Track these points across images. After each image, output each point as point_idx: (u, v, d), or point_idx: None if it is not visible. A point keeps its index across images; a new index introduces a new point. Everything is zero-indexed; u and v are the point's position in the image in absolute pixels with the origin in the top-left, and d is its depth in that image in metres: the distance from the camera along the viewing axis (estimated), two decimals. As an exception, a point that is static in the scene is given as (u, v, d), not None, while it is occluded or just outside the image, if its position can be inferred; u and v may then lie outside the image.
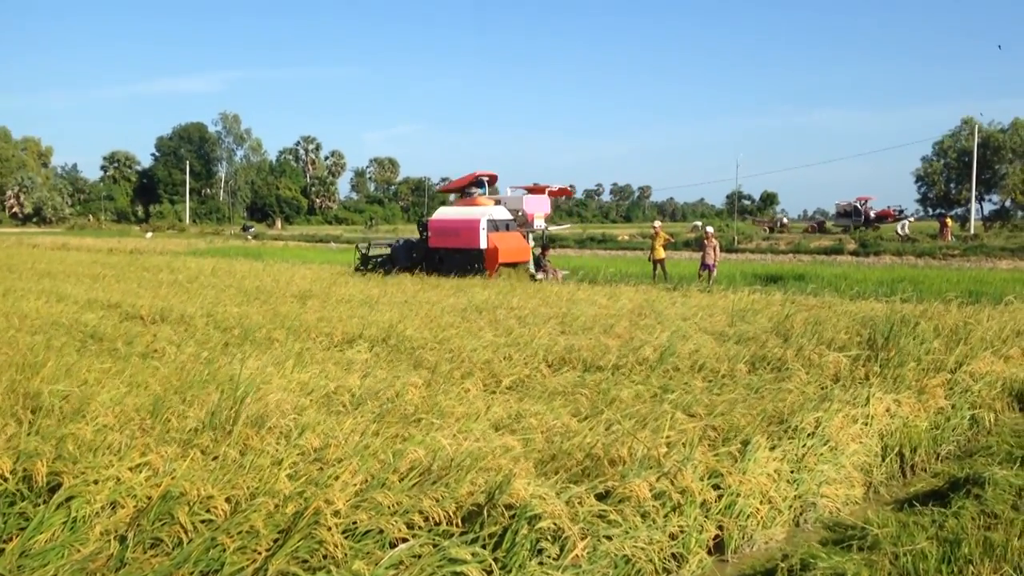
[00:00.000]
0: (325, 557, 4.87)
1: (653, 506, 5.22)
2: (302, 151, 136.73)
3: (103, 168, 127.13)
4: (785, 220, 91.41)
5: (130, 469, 5.82)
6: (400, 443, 6.16)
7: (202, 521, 5.31)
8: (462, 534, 4.95)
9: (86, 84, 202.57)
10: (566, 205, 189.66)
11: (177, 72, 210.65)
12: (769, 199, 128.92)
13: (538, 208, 25.54)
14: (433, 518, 5.05)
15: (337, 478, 5.46)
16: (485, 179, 26.64)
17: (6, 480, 5.79)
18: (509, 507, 4.96)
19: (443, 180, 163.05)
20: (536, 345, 10.64)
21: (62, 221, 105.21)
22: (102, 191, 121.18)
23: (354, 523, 5.04)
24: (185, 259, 32.09)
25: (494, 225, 23.14)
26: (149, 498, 5.55)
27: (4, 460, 5.88)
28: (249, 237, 62.85)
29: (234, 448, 6.17)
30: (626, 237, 59.49)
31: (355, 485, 5.42)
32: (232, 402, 6.95)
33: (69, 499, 5.56)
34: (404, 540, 4.92)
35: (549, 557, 4.77)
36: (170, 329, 12.42)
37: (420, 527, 5.01)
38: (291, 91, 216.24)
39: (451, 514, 5.06)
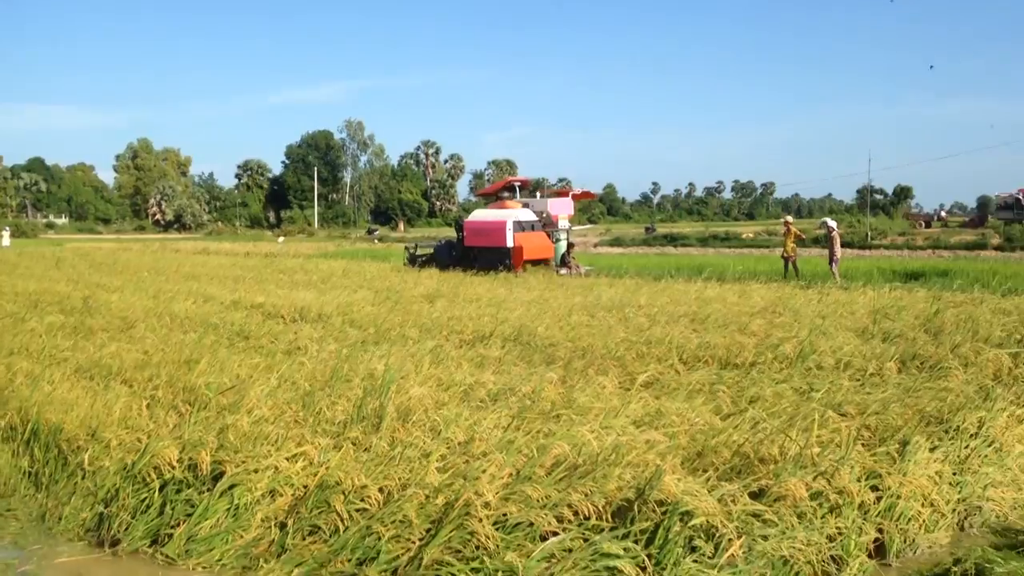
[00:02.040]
0: (477, 548, 4.94)
1: (810, 506, 5.06)
2: (422, 155, 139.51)
3: (237, 176, 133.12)
4: (944, 214, 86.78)
5: (287, 459, 6.06)
6: (543, 438, 6.18)
7: (357, 510, 5.49)
8: (612, 529, 4.93)
9: (221, 97, 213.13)
10: (686, 203, 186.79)
11: (304, 83, 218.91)
12: (903, 193, 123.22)
13: (562, 210, 27.80)
14: (582, 512, 5.05)
15: (484, 471, 5.53)
16: (517, 184, 29.92)
17: (174, 468, 6.13)
18: (660, 503, 4.91)
19: (561, 180, 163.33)
20: (669, 342, 10.50)
21: (200, 227, 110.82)
22: (237, 198, 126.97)
23: (504, 515, 5.10)
24: (316, 261, 33.25)
25: (520, 226, 25.65)
26: (306, 487, 5.77)
27: (171, 449, 6.23)
28: (374, 240, 64.42)
29: (384, 440, 6.34)
30: (751, 235, 58.03)
31: (503, 478, 5.48)
32: (377, 396, 7.14)
33: (232, 487, 5.84)
34: (554, 533, 4.94)
35: (703, 555, 4.69)
36: (310, 327, 12.88)
37: (570, 521, 5.02)
38: (411, 97, 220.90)
39: (600, 509, 5.05)
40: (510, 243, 25.31)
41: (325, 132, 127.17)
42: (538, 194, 30.44)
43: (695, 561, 4.66)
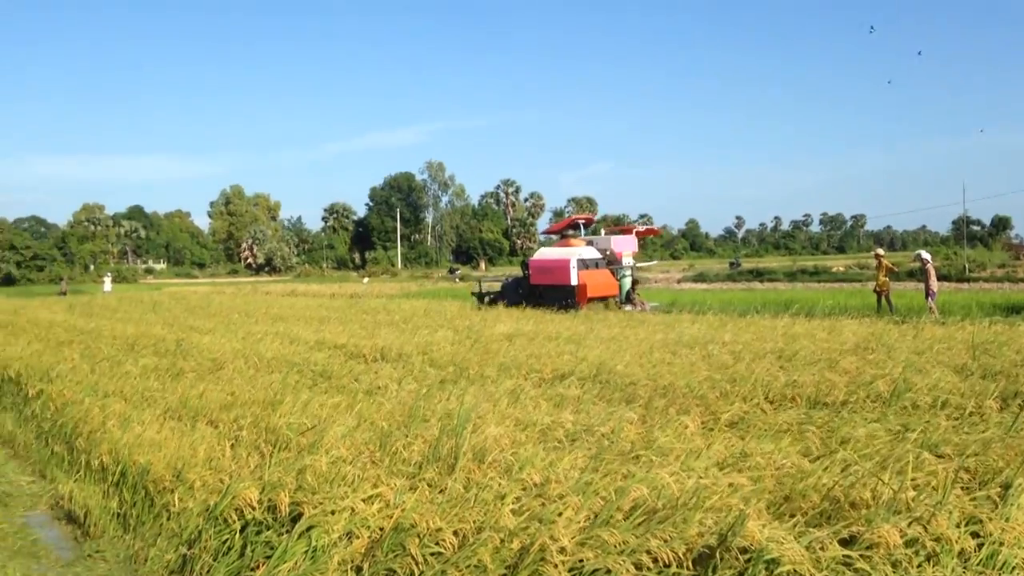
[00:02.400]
0: (553, 594, 4.81)
1: (905, 554, 4.76)
2: (502, 194, 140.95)
3: (324, 219, 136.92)
4: None
5: (363, 500, 6.05)
6: (621, 480, 6.02)
7: (432, 554, 5.42)
8: (693, 577, 4.74)
9: (308, 143, 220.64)
10: (772, 237, 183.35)
11: (387, 127, 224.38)
12: (1002, 223, 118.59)
13: (625, 247, 27.99)
14: (662, 559, 4.86)
15: (560, 514, 5.41)
16: (581, 222, 30.76)
17: (254, 509, 6.19)
18: (744, 550, 4.70)
19: (641, 217, 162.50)
20: (755, 380, 10.20)
21: (290, 269, 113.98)
22: (323, 240, 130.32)
23: (580, 561, 4.95)
24: (399, 301, 33.72)
25: (583, 264, 26.10)
26: (382, 529, 5.74)
27: (252, 490, 6.29)
28: (456, 279, 64.99)
29: (458, 481, 6.27)
30: (841, 268, 56.47)
31: (579, 522, 5.34)
32: (452, 436, 7.10)
33: (309, 529, 5.85)
34: (633, 581, 4.78)
35: (790, 605, 4.46)
36: (390, 367, 12.99)
37: (649, 568, 4.84)
38: (490, 137, 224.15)
39: (681, 556, 4.85)
40: (574, 281, 25.68)
41: (407, 174, 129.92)
42: (602, 231, 30.80)
43: (782, 612, 4.43)
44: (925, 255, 23.10)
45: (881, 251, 24.15)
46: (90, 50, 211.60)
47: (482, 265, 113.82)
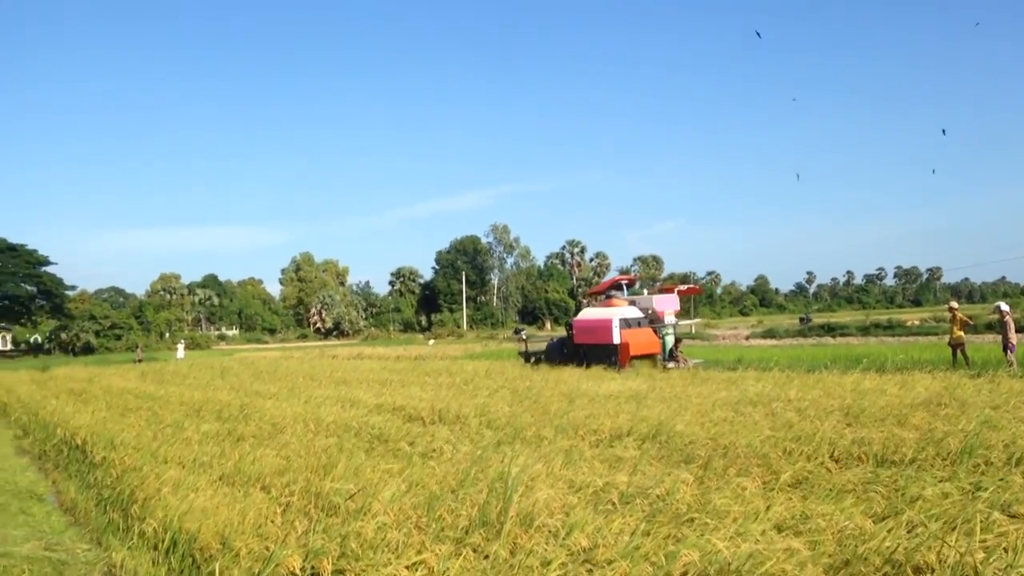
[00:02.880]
0: (597, 667, 4.60)
1: (974, 623, 4.46)
2: (568, 254, 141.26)
3: (391, 283, 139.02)
4: None
5: (407, 567, 5.94)
6: (672, 544, 5.80)
7: (474, 623, 5.27)
8: (745, 648, 4.50)
9: (376, 209, 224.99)
10: (844, 292, 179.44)
11: (452, 191, 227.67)
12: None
13: (667, 306, 28.78)
14: (711, 628, 4.64)
15: (607, 581, 5.22)
16: (624, 283, 32.00)
17: (297, 576, 6.12)
18: (797, 619, 4.45)
19: (709, 274, 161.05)
20: (819, 438, 9.83)
21: (357, 333, 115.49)
22: (390, 304, 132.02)
23: (626, 630, 4.75)
24: (462, 363, 33.73)
25: (626, 323, 26.74)
26: (425, 597, 5.61)
27: (295, 557, 6.23)
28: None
29: (504, 547, 6.12)
30: (916, 322, 54.79)
31: (627, 589, 5.15)
32: (501, 499, 6.95)
33: (352, 596, 5.75)
34: (681, 652, 4.55)
35: None
36: (447, 429, 12.90)
37: (698, 638, 4.62)
38: (556, 199, 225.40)
39: (731, 625, 4.62)
40: (617, 340, 26.30)
41: (472, 237, 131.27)
42: (645, 291, 31.85)
43: None
44: (1004, 307, 22.22)
45: (955, 304, 23.34)
46: (165, 123, 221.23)
47: (547, 325, 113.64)
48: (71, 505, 10.94)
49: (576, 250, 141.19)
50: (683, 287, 32.65)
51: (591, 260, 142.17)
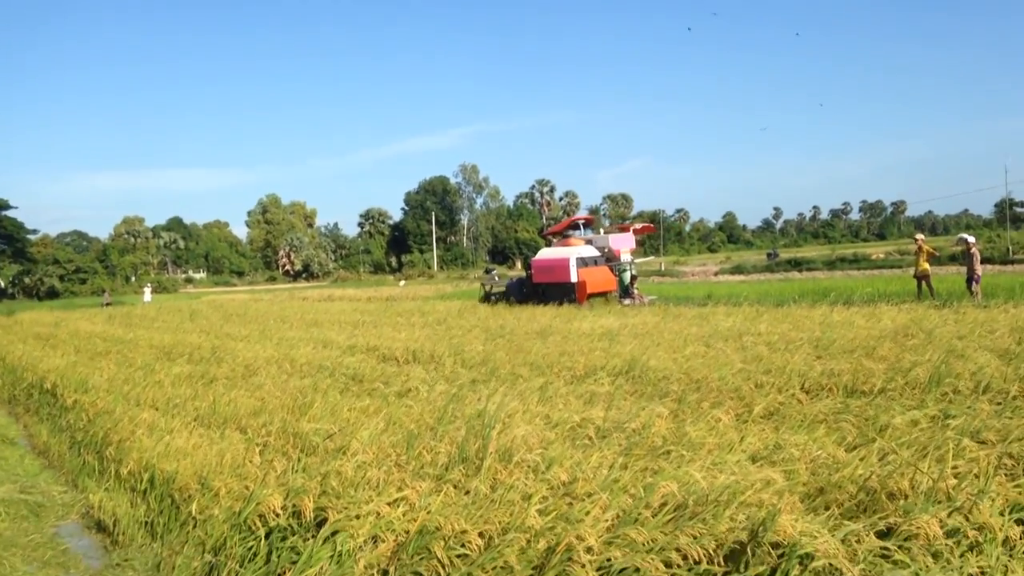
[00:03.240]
0: (580, 595, 4.67)
1: (946, 544, 4.56)
2: (537, 194, 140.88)
3: (360, 224, 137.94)
4: None
5: (388, 504, 5.96)
6: (650, 477, 5.87)
7: (458, 556, 5.31)
8: (725, 574, 4.58)
9: (342, 151, 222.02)
10: (810, 227, 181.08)
11: (420, 132, 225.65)
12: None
13: (623, 244, 29.48)
14: (692, 556, 4.71)
15: (587, 513, 5.27)
16: (582, 222, 32.47)
17: (278, 515, 6.13)
18: (776, 545, 4.53)
19: (678, 211, 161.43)
20: (790, 371, 9.97)
21: (327, 275, 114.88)
22: (360, 246, 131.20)
23: (608, 560, 4.82)
24: (434, 303, 33.71)
25: (583, 262, 27.47)
26: (407, 532, 5.64)
27: (276, 496, 6.23)
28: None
29: (484, 483, 6.16)
30: (881, 255, 55.51)
31: (606, 521, 5.20)
32: (479, 437, 6.99)
33: (335, 533, 5.77)
34: (661, 580, 4.63)
35: (826, 602, 4.28)
36: (422, 369, 12.92)
37: (679, 566, 4.69)
38: (524, 138, 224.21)
39: (711, 552, 4.70)
40: (574, 278, 27.03)
41: (442, 178, 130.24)
42: (601, 230, 32.65)
43: (817, 609, 4.25)
44: (969, 238, 22.46)
45: (921, 236, 23.59)
46: (126, 66, 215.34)
47: (517, 264, 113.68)
48: (44, 448, 10.89)
49: (545, 189, 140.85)
50: (638, 226, 33.41)
51: (561, 199, 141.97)
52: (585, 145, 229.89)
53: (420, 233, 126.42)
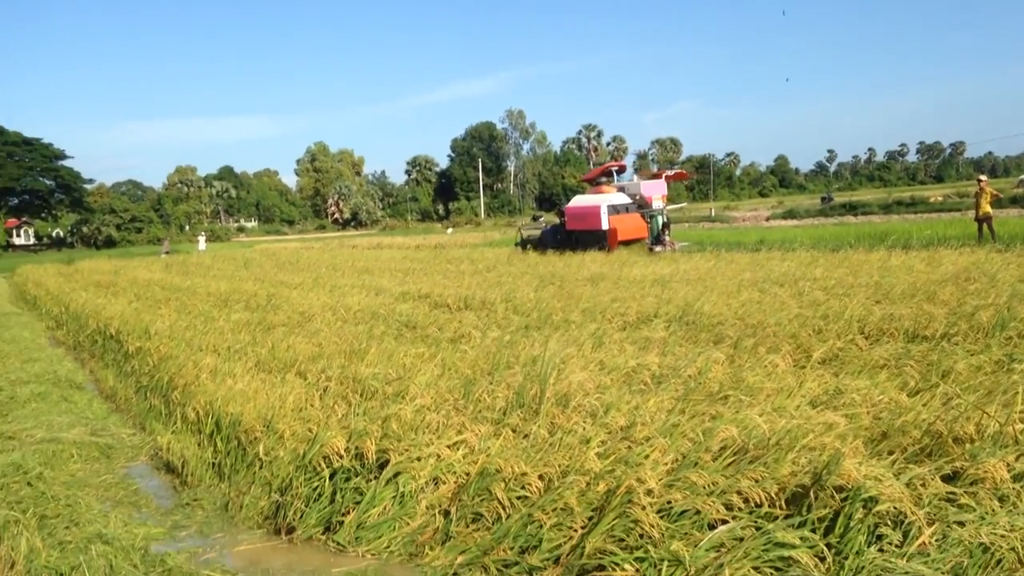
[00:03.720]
0: (641, 536, 4.74)
1: (1013, 489, 4.51)
2: (584, 139, 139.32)
3: (407, 172, 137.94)
4: None
5: (448, 447, 6.08)
6: (709, 421, 5.88)
7: (518, 497, 5.41)
8: (787, 517, 4.60)
9: (390, 98, 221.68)
10: (866, 170, 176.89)
11: (467, 78, 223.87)
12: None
13: (655, 191, 29.78)
14: (753, 500, 4.74)
15: (647, 457, 5.32)
16: (614, 169, 33.09)
17: (342, 457, 6.28)
18: (839, 489, 4.53)
19: (728, 155, 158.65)
20: (848, 316, 9.82)
21: (375, 223, 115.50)
22: (407, 193, 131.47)
23: (668, 503, 4.87)
24: (482, 250, 33.79)
25: (614, 209, 27.87)
26: (468, 474, 5.76)
27: (339, 439, 6.38)
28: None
29: (542, 427, 6.23)
30: (939, 198, 54.10)
31: (666, 464, 5.25)
32: (536, 382, 7.05)
33: (396, 475, 5.91)
34: (723, 522, 4.66)
35: (890, 543, 4.28)
36: (474, 315, 13.01)
37: (740, 509, 4.72)
38: (571, 83, 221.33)
39: (773, 496, 4.72)
40: (605, 226, 27.42)
41: (488, 124, 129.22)
42: (635, 177, 33.38)
43: (880, 551, 4.25)
44: None
45: (984, 178, 22.89)
46: (178, 15, 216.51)
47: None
48: (111, 393, 11.23)
49: (592, 135, 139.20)
50: (670, 172, 33.66)
51: (608, 144, 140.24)
52: (632, 88, 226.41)
53: (467, 180, 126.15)
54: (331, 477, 6.21)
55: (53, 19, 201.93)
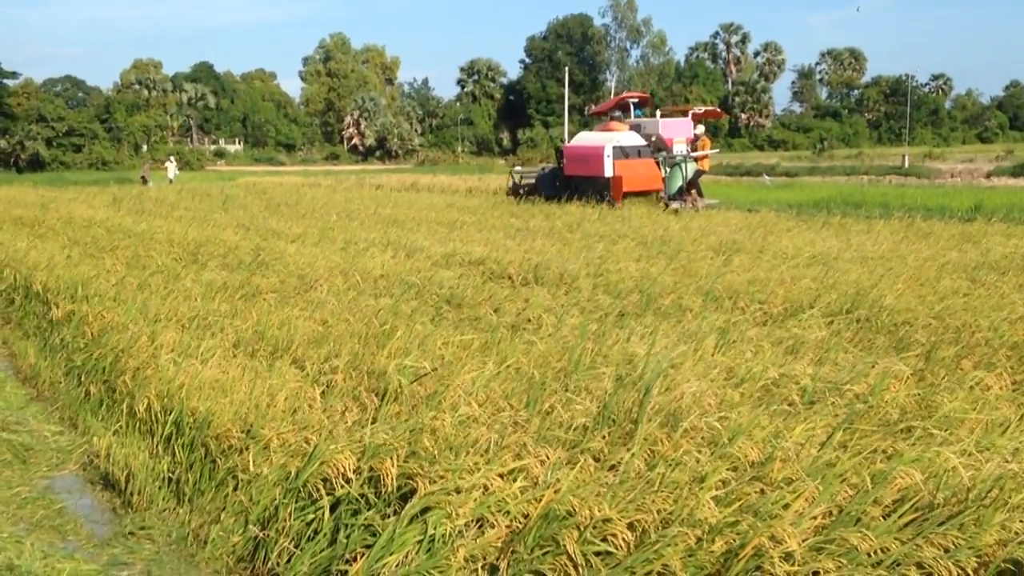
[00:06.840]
0: (774, 621, 4.78)
1: None
2: (722, 46, 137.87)
3: (460, 83, 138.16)
4: None
5: (501, 476, 6.17)
6: (881, 462, 5.89)
7: (596, 553, 5.48)
8: (988, 607, 4.60)
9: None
10: None
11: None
12: None
13: (677, 132, 31.68)
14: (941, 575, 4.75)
15: (787, 506, 5.35)
16: (633, 101, 35.19)
17: (349, 481, 6.41)
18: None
19: (934, 79, 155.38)
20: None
21: (410, 155, 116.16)
22: (459, 113, 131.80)
23: (815, 573, 4.90)
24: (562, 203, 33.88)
25: (622, 152, 29.97)
26: (526, 516, 5.84)
27: (347, 455, 6.52)
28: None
29: (638, 456, 6.28)
30: None
31: (814, 519, 5.28)
32: (633, 391, 7.09)
33: (425, 511, 6.02)
34: (894, 608, 4.69)
35: None
36: (547, 293, 13.10)
37: (919, 589, 4.74)
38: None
39: (970, 574, 4.72)
40: (608, 172, 29.80)
41: (581, 17, 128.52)
42: (657, 113, 35.29)
43: None
44: None
45: None
46: None
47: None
48: (31, 373, 11.65)
49: (735, 40, 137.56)
50: (699, 109, 35.20)
51: (756, 55, 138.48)
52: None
53: (547, 99, 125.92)
54: (333, 508, 6.35)
55: None
